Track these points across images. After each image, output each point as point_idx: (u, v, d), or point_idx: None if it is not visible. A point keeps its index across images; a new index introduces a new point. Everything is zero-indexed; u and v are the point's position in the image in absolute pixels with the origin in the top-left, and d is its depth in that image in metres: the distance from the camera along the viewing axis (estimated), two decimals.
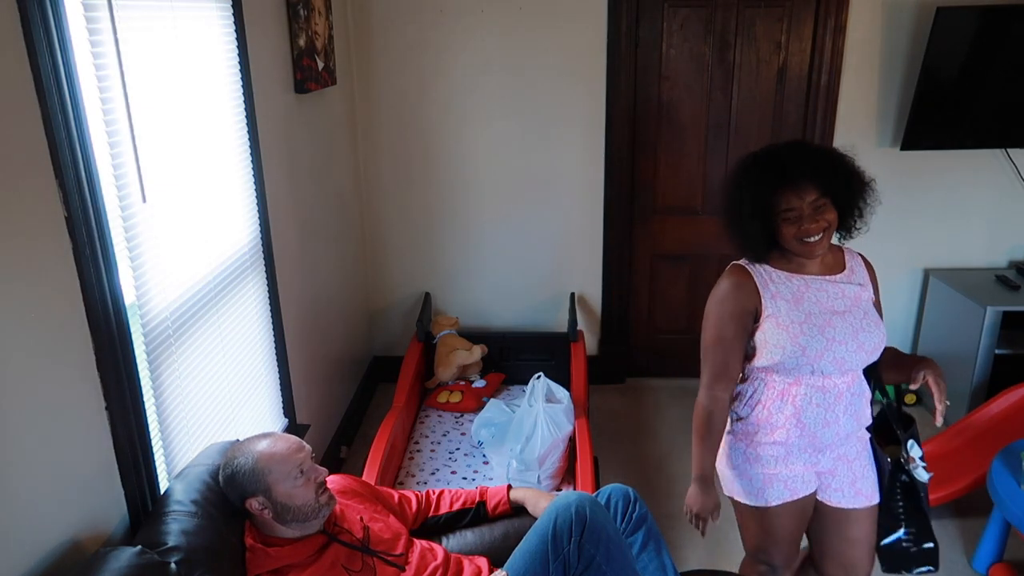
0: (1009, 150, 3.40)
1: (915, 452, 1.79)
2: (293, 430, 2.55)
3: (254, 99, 2.27)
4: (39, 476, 1.34)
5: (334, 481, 1.85)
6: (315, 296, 2.92)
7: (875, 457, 1.82)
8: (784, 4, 3.28)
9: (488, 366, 3.56)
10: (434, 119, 3.46)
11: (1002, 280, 3.38)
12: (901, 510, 1.83)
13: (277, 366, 2.49)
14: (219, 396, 2.03)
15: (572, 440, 2.76)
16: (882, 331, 1.70)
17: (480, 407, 3.14)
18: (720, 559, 2.58)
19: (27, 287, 1.31)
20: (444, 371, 3.40)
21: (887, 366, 1.78)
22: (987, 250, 3.60)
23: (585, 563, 1.70)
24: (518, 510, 2.02)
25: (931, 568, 1.84)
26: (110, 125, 1.52)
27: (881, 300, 1.81)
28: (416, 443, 3.03)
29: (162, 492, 1.65)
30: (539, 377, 2.91)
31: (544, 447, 2.64)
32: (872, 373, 1.77)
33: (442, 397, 3.31)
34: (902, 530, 1.83)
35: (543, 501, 1.95)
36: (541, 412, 2.70)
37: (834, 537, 1.84)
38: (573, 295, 3.67)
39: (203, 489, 1.64)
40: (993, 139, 3.32)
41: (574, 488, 2.59)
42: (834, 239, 1.72)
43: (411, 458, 2.93)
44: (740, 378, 1.78)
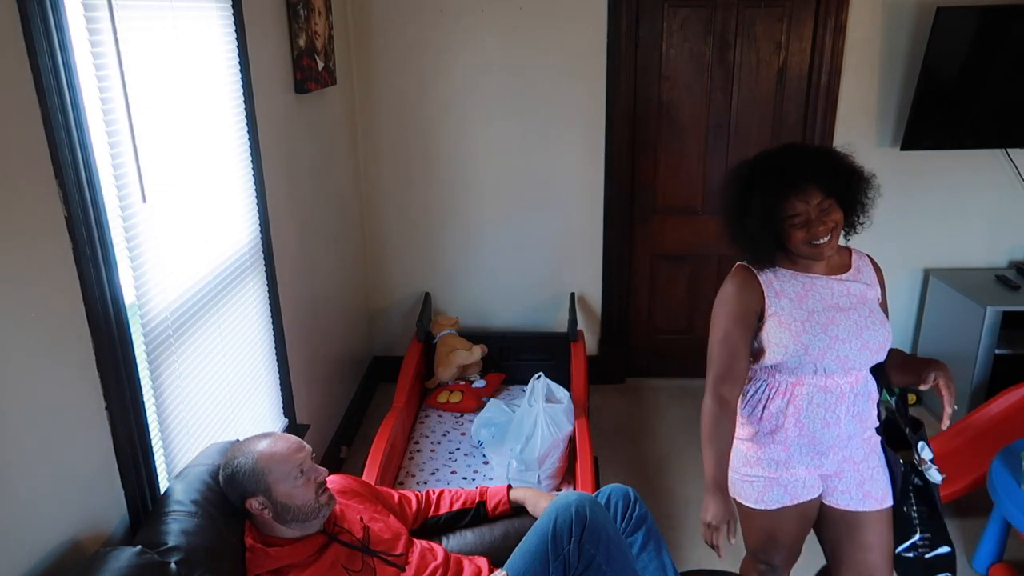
0: (1009, 150, 3.40)
1: (926, 454, 1.77)
2: (293, 430, 2.55)
3: (254, 99, 2.27)
4: (39, 476, 1.34)
5: (334, 481, 1.85)
6: (315, 296, 2.92)
7: (887, 460, 1.78)
8: (784, 4, 3.28)
9: (488, 366, 3.56)
10: (434, 119, 3.46)
11: (1002, 280, 3.38)
12: (916, 514, 1.80)
13: (277, 366, 2.49)
14: (219, 396, 2.03)
15: (572, 440, 2.76)
16: (887, 330, 1.69)
17: (480, 407, 3.14)
18: (720, 559, 2.58)
19: (27, 287, 1.31)
20: (444, 371, 3.40)
21: (896, 368, 1.76)
22: (987, 250, 3.60)
23: (585, 563, 1.70)
24: (518, 510, 2.02)
25: (949, 575, 1.80)
26: (110, 125, 1.52)
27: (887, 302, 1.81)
28: (416, 443, 3.03)
29: (162, 492, 1.65)
30: (539, 377, 2.90)
31: (544, 447, 2.64)
32: (879, 375, 1.76)
33: (442, 397, 3.31)
34: (917, 535, 1.79)
35: (543, 501, 1.95)
36: (541, 412, 2.70)
37: (848, 544, 1.78)
38: (573, 295, 3.67)
39: (203, 489, 1.64)
40: (993, 139, 3.32)
41: (574, 488, 2.59)
42: (840, 238, 1.71)
43: (411, 458, 2.93)
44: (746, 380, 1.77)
